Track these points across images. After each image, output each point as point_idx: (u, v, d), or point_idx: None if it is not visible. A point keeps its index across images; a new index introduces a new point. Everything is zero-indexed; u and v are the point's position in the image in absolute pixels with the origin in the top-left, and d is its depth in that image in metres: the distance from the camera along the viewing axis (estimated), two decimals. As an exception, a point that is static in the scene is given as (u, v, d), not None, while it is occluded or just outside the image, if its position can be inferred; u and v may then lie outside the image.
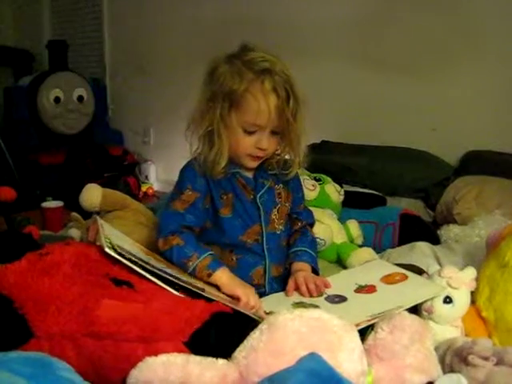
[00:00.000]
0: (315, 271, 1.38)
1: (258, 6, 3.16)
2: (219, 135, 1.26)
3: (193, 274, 1.22)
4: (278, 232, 1.39)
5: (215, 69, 1.27)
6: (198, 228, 1.32)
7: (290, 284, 1.32)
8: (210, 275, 1.21)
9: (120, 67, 4.12)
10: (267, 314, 1.14)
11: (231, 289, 1.19)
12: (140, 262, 1.07)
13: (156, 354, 0.83)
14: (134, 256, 1.08)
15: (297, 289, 1.30)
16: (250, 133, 1.27)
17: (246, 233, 1.34)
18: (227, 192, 1.33)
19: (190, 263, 1.22)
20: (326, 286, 1.30)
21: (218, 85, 1.25)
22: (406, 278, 1.23)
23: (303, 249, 1.41)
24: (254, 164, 1.34)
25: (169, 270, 1.12)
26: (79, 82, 3.57)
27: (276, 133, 1.29)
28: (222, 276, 1.22)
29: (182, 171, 1.35)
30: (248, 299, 1.17)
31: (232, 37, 2.15)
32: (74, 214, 1.72)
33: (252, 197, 1.35)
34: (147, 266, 1.07)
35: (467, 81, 2.50)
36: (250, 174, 1.37)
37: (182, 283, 1.08)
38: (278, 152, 1.36)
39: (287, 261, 1.41)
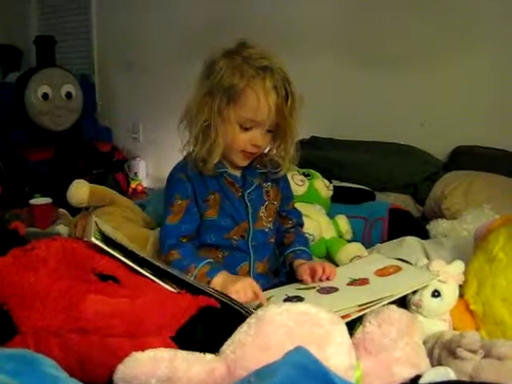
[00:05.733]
0: None
1: (247, 4, 3.15)
2: (215, 129, 1.26)
3: None
4: (267, 230, 1.39)
5: (213, 64, 1.27)
6: (195, 234, 1.33)
7: (304, 272, 1.30)
8: (209, 282, 1.21)
9: (108, 63, 4.09)
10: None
11: (225, 290, 1.17)
12: (129, 250, 1.06)
13: (143, 349, 0.83)
14: (123, 247, 1.07)
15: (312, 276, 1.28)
16: (246, 129, 1.27)
17: (233, 230, 1.34)
18: (213, 192, 1.33)
19: (189, 274, 1.23)
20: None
21: (217, 79, 1.24)
22: (399, 269, 1.22)
23: (301, 248, 1.42)
24: (245, 162, 1.34)
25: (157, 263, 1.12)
26: (67, 78, 3.53)
27: (270, 130, 1.29)
28: (218, 280, 1.21)
29: (167, 184, 1.36)
30: (238, 296, 1.14)
31: (221, 33, 2.15)
32: (62, 210, 1.71)
33: (240, 194, 1.35)
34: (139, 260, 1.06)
35: (456, 76, 2.50)
36: (237, 173, 1.37)
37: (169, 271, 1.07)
38: (269, 149, 1.37)
39: (286, 260, 1.41)
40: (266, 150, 1.37)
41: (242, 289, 1.16)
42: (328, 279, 1.26)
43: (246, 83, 1.22)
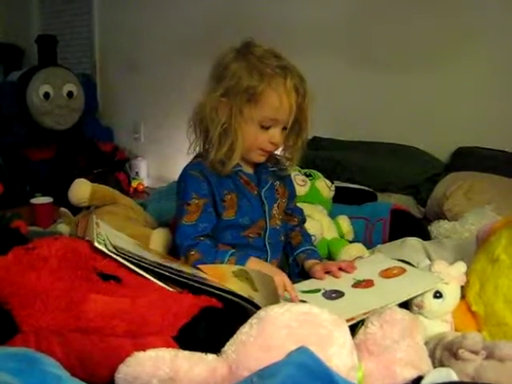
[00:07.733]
0: None
1: (249, 4, 3.15)
2: (235, 130, 1.26)
3: None
4: (278, 227, 1.41)
5: (227, 65, 1.27)
6: (211, 233, 1.32)
7: (318, 269, 1.31)
8: None
9: (110, 63, 4.09)
10: None
11: None
12: (132, 259, 1.05)
13: (144, 348, 0.83)
14: (127, 252, 1.06)
15: (327, 272, 1.30)
16: (266, 128, 1.28)
17: (250, 229, 1.34)
18: (230, 192, 1.33)
19: None
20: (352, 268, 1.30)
21: (235, 81, 1.25)
22: (404, 271, 1.22)
23: (311, 247, 1.46)
24: (262, 158, 1.35)
25: (164, 263, 1.11)
26: (69, 78, 3.54)
27: (285, 128, 1.30)
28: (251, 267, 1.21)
29: (181, 182, 1.34)
30: None
31: (223, 33, 2.14)
32: (63, 210, 1.70)
33: (256, 192, 1.36)
34: (141, 263, 1.05)
35: (458, 77, 2.50)
36: (251, 171, 1.38)
37: (176, 277, 1.06)
38: (282, 148, 1.38)
39: (298, 260, 1.42)
40: (280, 149, 1.38)
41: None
42: (347, 271, 1.28)
43: (268, 83, 1.23)
